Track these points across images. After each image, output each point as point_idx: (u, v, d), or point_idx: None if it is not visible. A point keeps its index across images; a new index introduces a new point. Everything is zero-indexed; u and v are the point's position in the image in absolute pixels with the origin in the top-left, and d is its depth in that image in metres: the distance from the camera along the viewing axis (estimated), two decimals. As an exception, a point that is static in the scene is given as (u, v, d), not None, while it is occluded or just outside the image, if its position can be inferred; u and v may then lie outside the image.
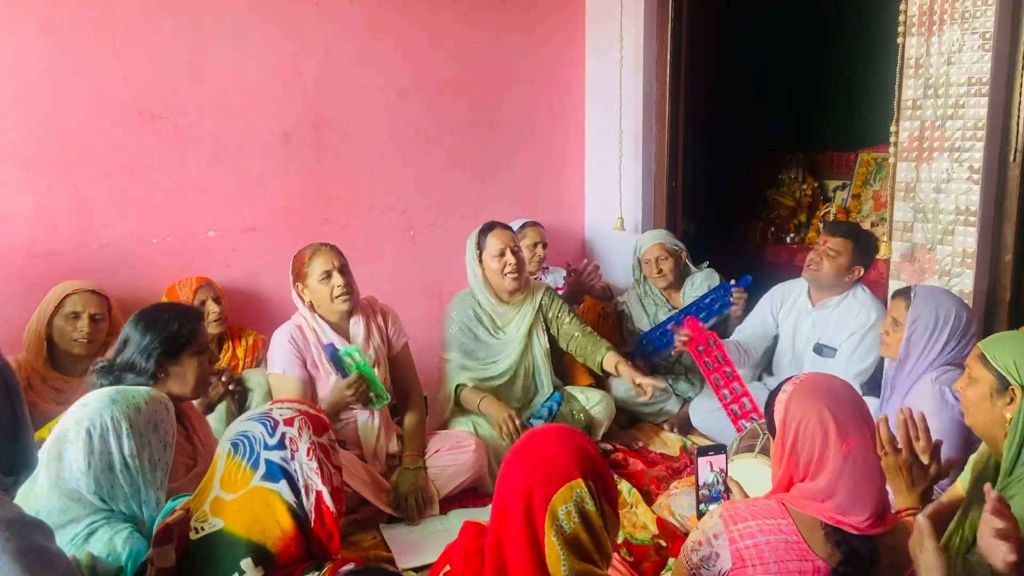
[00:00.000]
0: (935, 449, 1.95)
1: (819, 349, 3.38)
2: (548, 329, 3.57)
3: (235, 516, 1.58)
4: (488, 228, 3.41)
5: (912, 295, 2.62)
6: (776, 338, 3.66)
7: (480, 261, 3.40)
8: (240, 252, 3.59)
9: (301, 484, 1.60)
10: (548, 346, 3.55)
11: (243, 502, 1.58)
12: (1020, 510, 1.77)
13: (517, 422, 3.21)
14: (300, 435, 1.63)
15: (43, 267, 3.09)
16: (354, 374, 2.87)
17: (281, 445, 1.61)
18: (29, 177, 3.06)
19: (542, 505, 1.50)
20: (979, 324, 3.19)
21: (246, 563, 1.54)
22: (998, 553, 1.48)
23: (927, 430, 1.93)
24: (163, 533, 1.59)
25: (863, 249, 3.38)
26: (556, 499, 1.49)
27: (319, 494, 1.60)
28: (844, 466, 1.64)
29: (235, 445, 1.63)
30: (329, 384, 2.98)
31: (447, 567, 1.67)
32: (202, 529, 1.59)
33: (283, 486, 1.58)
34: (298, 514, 1.58)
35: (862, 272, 3.41)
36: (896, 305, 2.68)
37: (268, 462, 1.59)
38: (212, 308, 3.25)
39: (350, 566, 1.58)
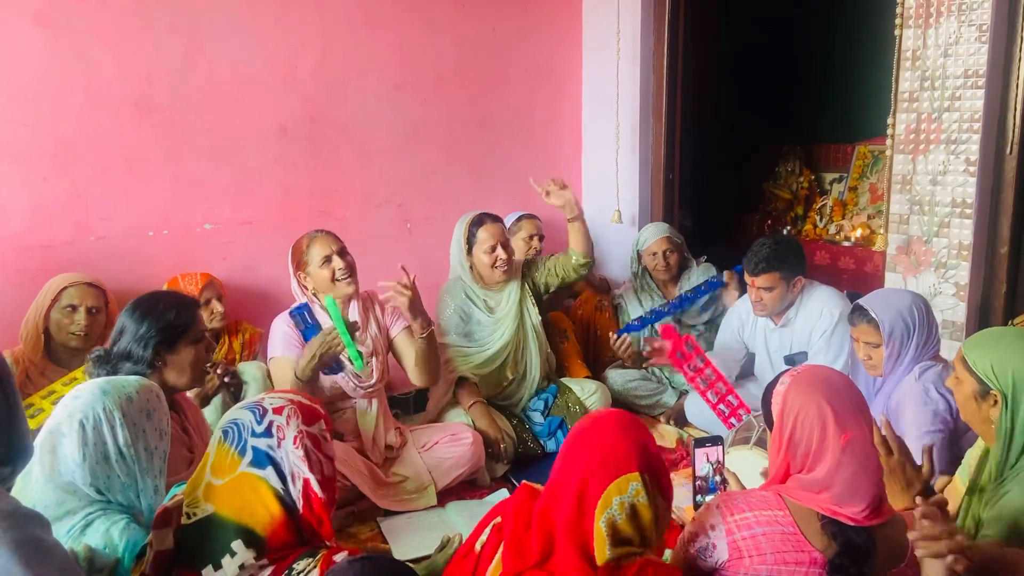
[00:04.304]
0: (927, 449, 1.95)
1: (790, 360, 3.34)
2: (544, 293, 3.66)
3: (224, 501, 1.61)
4: (479, 221, 3.45)
5: (872, 313, 2.58)
6: (749, 353, 3.65)
7: (470, 253, 3.45)
8: (236, 245, 3.58)
9: (288, 471, 1.62)
10: (540, 320, 3.59)
11: (232, 487, 1.61)
12: (1018, 504, 1.78)
13: (508, 444, 3.29)
14: (288, 423, 1.65)
15: (39, 260, 3.08)
16: (329, 326, 2.82)
17: (268, 433, 1.63)
18: (25, 170, 3.05)
19: (596, 493, 1.57)
20: (975, 317, 3.22)
21: (237, 544, 1.56)
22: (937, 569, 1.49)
23: (897, 439, 1.94)
24: (162, 517, 1.61)
25: (790, 265, 3.29)
26: (611, 489, 1.56)
27: (306, 481, 1.62)
28: (842, 458, 1.64)
29: (225, 432, 1.66)
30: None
31: (498, 518, 1.74)
32: (194, 515, 1.62)
33: (270, 472, 1.61)
34: (285, 500, 1.61)
35: (803, 281, 3.35)
36: (862, 330, 2.63)
37: (255, 449, 1.62)
38: (216, 308, 3.25)
39: (344, 554, 1.60)
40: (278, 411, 1.67)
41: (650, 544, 1.62)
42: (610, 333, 3.60)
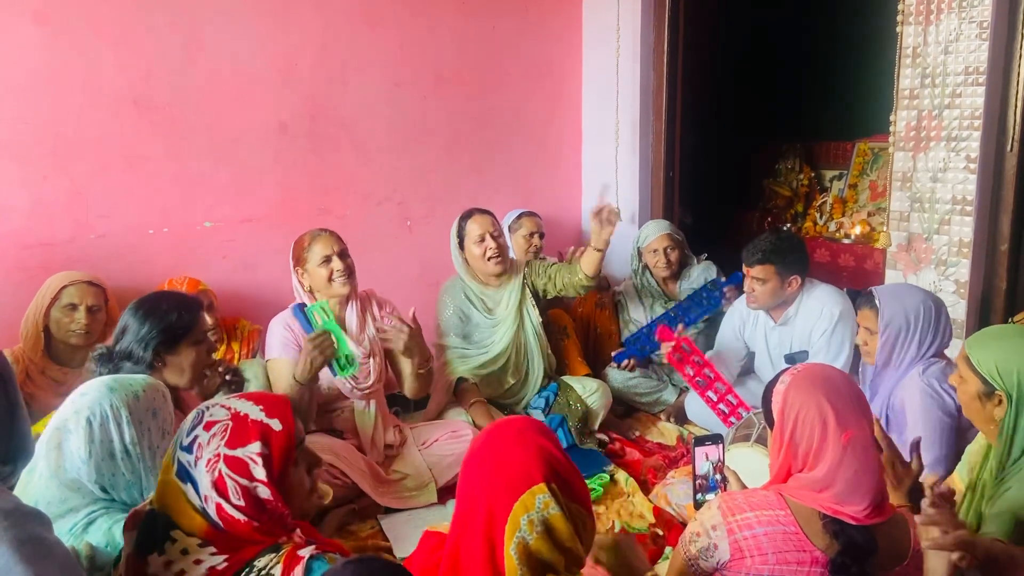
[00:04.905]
0: (915, 445, 1.95)
1: (790, 359, 3.34)
2: (542, 298, 3.62)
3: (161, 497, 1.58)
4: (467, 215, 3.48)
5: (876, 301, 2.58)
6: (749, 351, 3.65)
7: (462, 248, 3.46)
8: (236, 243, 3.58)
9: (201, 492, 1.54)
10: (540, 321, 3.58)
11: (164, 487, 1.58)
12: (1018, 500, 1.79)
13: None
14: (209, 443, 1.54)
15: (39, 258, 3.08)
16: (320, 329, 2.79)
17: (190, 448, 1.56)
18: (25, 169, 3.05)
19: (503, 515, 1.40)
20: (975, 314, 3.21)
21: (176, 533, 1.54)
22: (941, 564, 1.49)
23: (886, 437, 1.94)
24: (132, 520, 1.60)
25: (788, 262, 3.27)
26: (516, 508, 1.40)
27: (218, 505, 1.53)
28: (843, 456, 1.64)
29: (181, 429, 1.61)
30: (323, 372, 2.97)
31: None
32: (152, 504, 1.60)
33: (189, 488, 1.55)
34: (205, 516, 1.55)
35: (800, 280, 3.32)
36: (864, 315, 2.64)
37: (179, 462, 1.56)
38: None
39: (309, 548, 1.56)
40: (209, 426, 1.56)
41: (580, 562, 1.45)
42: (612, 354, 3.62)
